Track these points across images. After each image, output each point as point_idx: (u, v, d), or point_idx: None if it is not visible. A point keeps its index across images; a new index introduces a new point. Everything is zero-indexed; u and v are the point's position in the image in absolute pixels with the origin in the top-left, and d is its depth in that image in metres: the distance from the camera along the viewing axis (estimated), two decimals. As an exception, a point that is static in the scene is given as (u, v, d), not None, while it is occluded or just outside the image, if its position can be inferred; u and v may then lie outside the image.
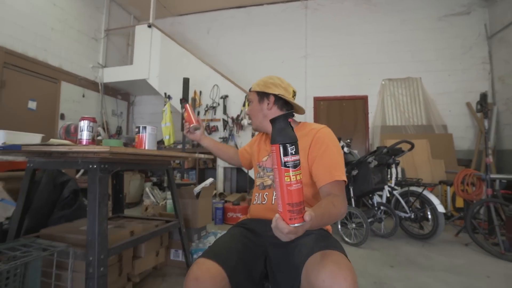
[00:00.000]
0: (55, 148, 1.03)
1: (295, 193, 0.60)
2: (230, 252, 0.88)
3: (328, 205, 0.79)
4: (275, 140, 0.63)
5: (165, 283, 1.79)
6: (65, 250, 1.13)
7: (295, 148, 0.61)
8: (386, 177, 2.88)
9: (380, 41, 5.11)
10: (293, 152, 0.61)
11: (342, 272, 0.68)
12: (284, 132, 0.63)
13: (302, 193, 0.61)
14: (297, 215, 0.61)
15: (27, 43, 4.03)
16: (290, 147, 0.61)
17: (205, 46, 5.95)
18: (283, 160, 0.61)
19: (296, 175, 0.60)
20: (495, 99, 4.55)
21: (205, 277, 0.77)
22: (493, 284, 1.88)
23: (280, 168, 0.61)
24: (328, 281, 0.67)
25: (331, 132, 1.03)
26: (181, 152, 1.56)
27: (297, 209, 0.60)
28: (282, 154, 0.61)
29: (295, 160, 0.61)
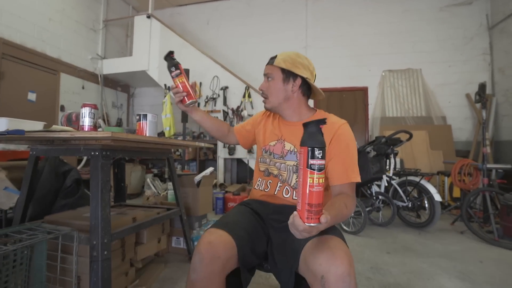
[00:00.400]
0: (57, 134, 1.05)
1: (316, 195, 0.63)
2: (238, 225, 0.91)
3: (341, 206, 0.80)
4: (306, 143, 0.65)
5: (167, 269, 1.83)
6: (70, 234, 1.17)
7: (322, 153, 0.64)
8: (385, 167, 2.91)
9: (381, 32, 5.07)
10: (320, 156, 0.63)
11: (339, 256, 0.70)
12: (315, 137, 0.66)
13: (322, 195, 0.64)
14: (314, 216, 0.64)
15: (25, 34, 4.01)
16: (318, 151, 0.64)
17: (205, 37, 5.91)
18: (309, 163, 0.64)
19: (319, 178, 0.63)
20: (495, 91, 4.55)
21: (218, 241, 0.81)
22: (486, 269, 1.93)
23: (305, 169, 0.64)
24: (325, 265, 0.69)
25: (350, 130, 1.00)
26: (182, 140, 1.58)
27: (315, 210, 0.63)
28: (310, 157, 0.64)
29: (320, 164, 0.63)
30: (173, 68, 1.03)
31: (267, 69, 1.06)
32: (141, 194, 4.55)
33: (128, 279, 1.57)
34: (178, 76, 1.04)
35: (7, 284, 1.07)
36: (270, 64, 1.05)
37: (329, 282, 0.67)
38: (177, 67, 1.04)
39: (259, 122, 1.19)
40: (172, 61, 1.04)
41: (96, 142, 1.22)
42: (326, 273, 0.68)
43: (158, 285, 1.61)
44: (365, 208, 2.73)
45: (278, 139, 1.08)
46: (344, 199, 0.84)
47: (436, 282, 1.72)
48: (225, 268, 0.81)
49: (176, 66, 1.04)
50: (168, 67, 1.04)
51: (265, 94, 1.07)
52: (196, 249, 0.82)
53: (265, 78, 1.07)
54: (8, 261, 1.08)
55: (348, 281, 0.67)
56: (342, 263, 0.68)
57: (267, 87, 1.06)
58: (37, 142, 1.38)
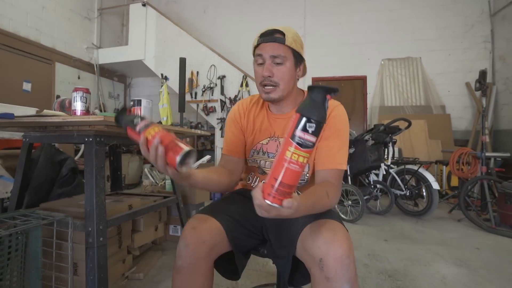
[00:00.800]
0: (49, 119, 1.02)
1: (288, 173, 0.52)
2: (226, 210, 0.89)
3: (322, 194, 0.72)
4: (301, 109, 0.53)
5: (164, 256, 1.84)
6: (64, 220, 1.16)
7: (315, 128, 0.52)
8: (383, 155, 2.90)
9: (380, 20, 4.99)
10: (311, 131, 0.52)
11: (337, 238, 0.68)
12: (315, 106, 0.53)
13: (297, 178, 0.54)
14: (278, 196, 0.53)
15: (18, 22, 3.92)
16: (310, 124, 0.52)
17: (202, 26, 5.81)
18: (295, 133, 0.52)
19: (300, 156, 0.52)
20: (495, 79, 4.51)
21: (202, 226, 0.79)
22: (482, 255, 1.95)
23: (287, 140, 0.53)
24: (323, 247, 0.67)
25: (345, 112, 0.88)
26: (179, 127, 1.56)
27: (281, 189, 0.53)
28: (298, 127, 0.52)
29: (307, 140, 0.52)
30: (135, 119, 0.68)
31: (274, 49, 0.83)
32: (139, 185, 4.55)
33: (125, 266, 1.57)
34: (149, 127, 0.66)
35: (3, 270, 1.07)
36: (280, 42, 0.83)
37: (328, 265, 0.65)
38: (141, 118, 0.69)
39: (240, 120, 0.99)
40: (130, 116, 0.70)
41: (89, 128, 1.19)
42: (324, 255, 0.66)
43: (155, 272, 1.61)
44: (363, 197, 2.74)
45: (271, 136, 0.94)
46: (326, 187, 0.75)
47: (433, 268, 1.73)
48: (212, 253, 0.79)
49: (139, 117, 0.69)
50: (125, 124, 0.69)
51: (273, 81, 0.85)
52: (181, 235, 0.81)
53: (269, 60, 0.84)
54: (3, 247, 1.08)
55: (347, 263, 0.65)
56: (341, 246, 0.66)
57: (283, 72, 0.84)
58: (30, 129, 1.36)
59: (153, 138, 0.63)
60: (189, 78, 4.78)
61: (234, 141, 0.98)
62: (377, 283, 1.53)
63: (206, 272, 0.80)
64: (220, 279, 1.51)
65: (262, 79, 0.86)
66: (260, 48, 0.85)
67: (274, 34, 0.84)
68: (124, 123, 0.70)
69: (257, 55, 0.87)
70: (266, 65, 0.84)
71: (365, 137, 2.87)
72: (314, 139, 0.53)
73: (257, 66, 0.88)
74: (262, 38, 0.85)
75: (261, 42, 0.85)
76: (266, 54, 0.84)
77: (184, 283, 0.78)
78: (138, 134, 0.66)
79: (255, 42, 0.87)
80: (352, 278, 0.65)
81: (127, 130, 0.69)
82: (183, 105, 3.86)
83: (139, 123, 0.67)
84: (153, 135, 0.64)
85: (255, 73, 0.90)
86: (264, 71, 0.84)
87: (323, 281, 0.66)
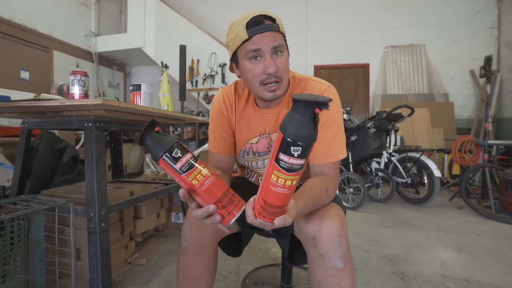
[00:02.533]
0: (46, 103, 1.01)
1: (275, 196, 0.49)
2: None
3: (321, 191, 0.70)
4: (285, 128, 0.45)
5: (167, 243, 1.85)
6: (66, 206, 1.16)
7: (301, 151, 0.44)
8: (385, 143, 2.88)
9: (384, 5, 4.87)
10: (297, 154, 0.45)
11: (330, 217, 0.69)
12: (303, 126, 0.44)
13: (287, 199, 0.50)
14: (268, 215, 0.51)
15: (13, 8, 3.83)
16: (295, 148, 0.44)
17: (202, 12, 5.68)
18: (279, 156, 0.46)
19: (286, 180, 0.47)
20: (500, 66, 4.44)
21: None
22: (482, 241, 1.96)
23: (272, 162, 0.47)
24: (316, 226, 0.68)
25: (337, 95, 0.80)
26: (179, 113, 1.54)
27: (269, 210, 0.50)
28: (281, 150, 0.45)
29: (293, 164, 0.45)
30: (174, 150, 0.52)
31: (273, 39, 0.71)
32: (140, 174, 4.56)
33: (128, 252, 1.59)
34: (194, 168, 0.52)
35: (6, 254, 1.07)
36: (276, 30, 0.71)
37: (321, 242, 0.67)
38: (182, 150, 0.53)
39: (228, 114, 0.89)
40: (165, 141, 0.53)
41: (88, 112, 1.18)
42: (317, 233, 0.68)
43: (157, 258, 1.62)
44: (365, 185, 2.74)
45: (261, 134, 0.85)
46: (325, 182, 0.73)
47: (433, 253, 1.74)
48: (216, 233, 0.80)
49: (177, 144, 0.53)
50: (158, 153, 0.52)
51: (278, 75, 0.73)
52: (185, 216, 0.82)
53: (270, 52, 0.71)
54: (5, 232, 1.08)
55: (339, 240, 0.66)
56: (333, 224, 0.67)
57: (281, 65, 0.73)
58: (28, 115, 1.34)
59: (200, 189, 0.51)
60: (189, 66, 4.72)
61: (224, 137, 0.88)
62: (378, 267, 1.55)
63: (211, 253, 0.81)
64: (222, 263, 1.53)
65: (264, 77, 0.72)
66: (254, 42, 0.70)
67: (264, 21, 0.70)
68: (156, 151, 0.52)
69: (250, 51, 0.71)
70: (268, 60, 0.71)
71: (367, 125, 2.85)
72: (302, 162, 0.46)
73: (250, 63, 0.73)
74: (252, 28, 0.69)
75: (254, 33, 0.69)
76: (266, 47, 0.70)
77: (189, 263, 0.79)
78: (178, 175, 0.52)
79: (243, 35, 0.70)
80: (344, 255, 0.67)
81: (161, 162, 0.53)
82: (183, 94, 3.83)
83: (181, 159, 0.51)
84: (201, 182, 0.51)
85: (249, 72, 0.74)
86: (269, 66, 0.70)
87: (317, 258, 0.68)
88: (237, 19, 0.73)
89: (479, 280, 1.42)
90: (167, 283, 1.35)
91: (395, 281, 1.41)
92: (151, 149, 0.53)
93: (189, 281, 0.79)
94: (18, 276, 1.12)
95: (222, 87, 1.22)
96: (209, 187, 0.52)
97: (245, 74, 0.76)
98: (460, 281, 1.41)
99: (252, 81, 0.75)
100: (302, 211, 0.62)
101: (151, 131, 0.55)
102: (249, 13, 0.71)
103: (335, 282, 0.66)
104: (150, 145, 0.54)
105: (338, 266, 0.66)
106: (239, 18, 0.72)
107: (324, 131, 0.77)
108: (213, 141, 0.90)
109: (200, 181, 0.52)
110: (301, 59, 5.12)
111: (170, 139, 0.53)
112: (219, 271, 1.45)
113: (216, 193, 0.53)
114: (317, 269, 0.68)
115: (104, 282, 1.14)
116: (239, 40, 0.71)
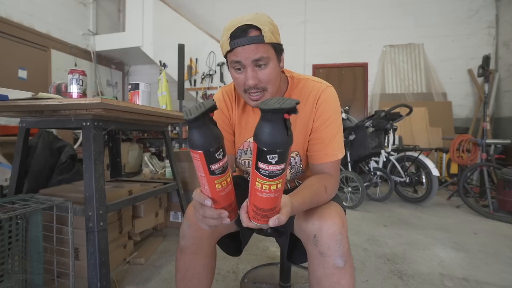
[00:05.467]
0: (44, 102, 1.00)
1: (263, 200, 0.50)
2: None
3: (320, 189, 0.71)
4: (257, 138, 0.45)
5: (165, 242, 1.85)
6: (64, 205, 1.15)
7: (279, 157, 0.44)
8: (383, 142, 2.89)
9: (382, 5, 4.87)
10: (275, 161, 0.44)
11: (331, 215, 0.69)
12: (274, 133, 0.43)
13: (275, 202, 0.51)
14: (261, 218, 0.53)
15: (10, 7, 3.81)
16: (271, 155, 0.44)
17: (201, 11, 5.67)
18: (258, 165, 0.46)
19: (271, 185, 0.47)
20: (498, 66, 4.45)
21: None
22: (479, 240, 1.97)
23: (253, 170, 0.48)
24: (317, 224, 0.69)
25: (335, 95, 0.81)
26: (178, 112, 1.54)
27: (262, 213, 0.52)
28: (258, 158, 0.45)
29: (273, 170, 0.45)
30: (218, 152, 0.48)
31: (254, 52, 0.68)
32: (139, 173, 4.55)
33: (126, 251, 1.58)
34: (226, 173, 0.51)
35: (4, 254, 1.07)
36: (258, 42, 0.67)
37: (321, 241, 0.67)
38: (224, 151, 0.50)
39: (229, 113, 0.88)
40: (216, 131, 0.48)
41: (87, 111, 1.17)
42: (318, 231, 0.68)
43: (156, 257, 1.62)
44: (363, 184, 2.74)
45: None
46: (324, 181, 0.73)
47: (431, 252, 1.75)
48: (215, 233, 0.80)
49: (224, 149, 0.50)
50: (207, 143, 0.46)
51: (260, 86, 0.72)
52: (184, 215, 0.81)
53: (251, 65, 0.69)
54: (3, 231, 1.08)
55: (340, 239, 0.67)
56: (334, 223, 0.68)
57: (264, 77, 0.71)
58: (26, 114, 1.34)
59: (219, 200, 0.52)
60: (188, 65, 4.71)
61: (225, 136, 0.86)
62: (376, 266, 1.55)
63: (209, 252, 0.81)
64: (221, 262, 1.53)
65: (247, 87, 0.73)
66: (235, 54, 0.69)
67: (248, 31, 0.67)
68: (201, 142, 0.46)
69: (233, 62, 0.71)
70: (248, 73, 0.70)
71: (365, 124, 2.85)
72: (281, 167, 0.46)
73: (235, 72, 0.73)
74: (235, 40, 0.67)
75: (236, 46, 0.68)
76: (246, 60, 0.68)
77: (187, 263, 0.78)
78: (208, 174, 0.49)
79: (227, 46, 0.69)
80: (345, 253, 0.67)
81: (197, 153, 0.47)
82: (182, 93, 3.82)
83: (220, 161, 0.48)
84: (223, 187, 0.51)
85: (234, 79, 0.75)
86: (248, 80, 0.70)
87: (317, 256, 0.68)
88: (227, 26, 0.71)
89: (477, 278, 1.43)
90: (166, 282, 1.35)
91: (393, 280, 1.41)
92: (196, 135, 0.46)
93: (188, 280, 0.79)
94: (16, 276, 1.12)
95: (221, 87, 1.22)
96: (227, 193, 0.53)
97: (233, 80, 0.77)
98: (458, 279, 1.42)
99: (237, 88, 0.77)
100: (299, 207, 0.63)
101: (207, 116, 0.47)
102: (237, 20, 0.69)
103: (336, 281, 0.66)
104: (198, 131, 0.46)
105: (339, 265, 0.66)
106: (228, 24, 0.70)
107: (323, 130, 0.78)
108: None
109: (222, 187, 0.51)
110: (300, 58, 5.12)
111: (220, 134, 0.49)
112: (218, 270, 1.45)
113: (228, 200, 0.54)
114: (317, 268, 0.69)
115: (102, 281, 1.14)
116: (224, 49, 0.71)
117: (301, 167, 0.87)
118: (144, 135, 5.45)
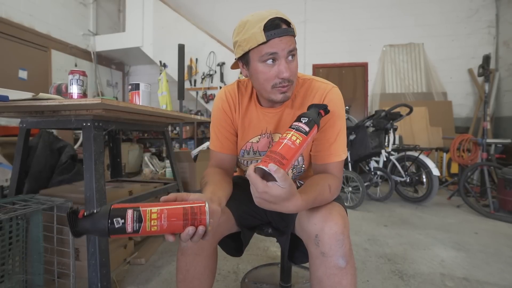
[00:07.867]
0: (45, 102, 1.00)
1: (280, 144, 0.59)
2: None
3: (324, 188, 0.71)
4: (303, 113, 0.66)
5: (166, 242, 1.85)
6: (64, 205, 1.15)
7: (307, 121, 0.63)
8: (384, 142, 2.89)
9: (382, 4, 4.87)
10: (304, 122, 0.62)
11: (333, 216, 0.69)
12: (313, 113, 0.66)
13: (288, 151, 0.57)
14: (268, 159, 0.55)
15: (10, 7, 3.81)
16: (304, 118, 0.64)
17: (201, 11, 5.67)
18: (292, 124, 0.63)
19: (292, 135, 0.60)
20: (498, 65, 4.45)
21: None
22: (480, 239, 1.96)
23: (288, 129, 0.63)
24: (319, 224, 0.68)
25: (340, 96, 0.82)
26: (178, 112, 1.54)
27: (273, 156, 0.56)
28: (296, 120, 0.64)
29: (300, 126, 0.62)
30: (115, 221, 0.48)
31: (290, 43, 0.70)
32: (139, 173, 4.56)
33: (127, 251, 1.58)
34: (144, 218, 0.50)
35: (4, 254, 1.07)
36: (291, 34, 0.71)
37: (323, 241, 0.67)
38: (119, 212, 0.49)
39: (231, 112, 0.87)
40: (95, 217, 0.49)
41: (87, 112, 1.18)
42: (320, 232, 0.68)
43: (156, 257, 1.62)
44: (364, 183, 2.74)
45: (262, 133, 0.85)
46: (328, 180, 0.73)
47: (432, 252, 1.74)
48: (216, 233, 0.80)
49: (116, 212, 0.49)
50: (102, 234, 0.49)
51: (291, 78, 0.73)
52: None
53: (286, 56, 0.71)
54: (4, 232, 1.08)
55: (342, 239, 0.66)
56: (336, 223, 0.67)
57: (294, 69, 0.73)
58: (27, 114, 1.34)
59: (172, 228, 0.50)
60: (188, 65, 4.71)
61: (227, 136, 0.87)
62: (377, 266, 1.55)
63: (210, 253, 0.81)
64: (221, 263, 1.53)
65: (278, 81, 0.72)
66: (271, 46, 0.69)
67: (281, 24, 0.69)
68: (98, 233, 0.48)
69: (266, 54, 0.70)
70: (283, 64, 0.70)
71: (366, 123, 2.85)
72: (306, 128, 0.62)
73: (264, 66, 0.72)
74: (270, 31, 0.68)
75: (273, 37, 0.68)
76: (283, 52, 0.69)
77: (188, 264, 0.78)
78: (136, 235, 0.50)
79: (261, 37, 0.68)
80: (346, 253, 0.67)
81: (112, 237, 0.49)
82: (182, 93, 3.83)
83: (126, 222, 0.47)
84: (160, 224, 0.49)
85: (261, 74, 0.73)
86: (283, 72, 0.70)
87: (319, 256, 0.68)
88: (251, 19, 0.71)
89: (478, 278, 1.43)
90: (166, 283, 1.35)
91: (394, 280, 1.41)
92: (91, 234, 0.51)
93: (189, 281, 0.79)
94: (16, 276, 1.12)
95: (223, 86, 1.22)
96: (169, 221, 0.50)
97: (256, 75, 0.75)
98: (459, 279, 1.42)
99: (263, 83, 0.74)
100: (304, 202, 0.63)
101: (79, 222, 0.49)
102: (264, 14, 0.70)
103: (337, 281, 0.66)
104: (89, 231, 0.49)
105: (340, 265, 0.66)
106: (254, 18, 0.70)
107: (327, 129, 0.78)
108: (215, 140, 0.88)
109: (158, 225, 0.49)
110: (300, 58, 5.09)
111: (102, 213, 0.48)
112: (218, 271, 1.45)
113: (178, 218, 0.50)
114: (318, 268, 0.68)
115: (103, 282, 1.14)
116: (255, 41, 0.69)
117: (303, 167, 0.87)
118: (144, 135, 5.45)
